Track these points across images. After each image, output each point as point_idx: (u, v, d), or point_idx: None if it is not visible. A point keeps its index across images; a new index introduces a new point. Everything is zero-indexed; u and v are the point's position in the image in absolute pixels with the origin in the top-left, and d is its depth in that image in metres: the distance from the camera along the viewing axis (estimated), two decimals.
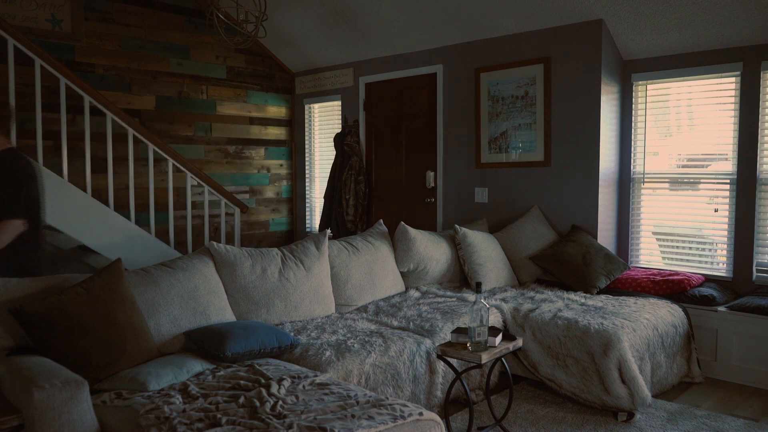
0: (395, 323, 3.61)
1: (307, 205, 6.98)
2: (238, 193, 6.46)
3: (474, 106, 5.30)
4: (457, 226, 4.61)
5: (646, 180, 4.83)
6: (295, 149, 7.00)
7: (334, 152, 6.31)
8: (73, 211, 4.31)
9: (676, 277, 4.30)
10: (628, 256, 4.90)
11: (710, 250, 4.62)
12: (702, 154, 4.62)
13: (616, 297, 4.15)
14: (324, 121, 6.83)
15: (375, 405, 2.35)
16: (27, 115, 4.41)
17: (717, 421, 3.36)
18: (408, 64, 5.79)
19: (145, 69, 5.74)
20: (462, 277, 4.67)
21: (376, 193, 6.19)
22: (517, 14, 4.80)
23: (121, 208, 4.78)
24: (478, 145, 5.29)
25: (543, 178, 4.94)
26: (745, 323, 3.93)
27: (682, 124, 4.75)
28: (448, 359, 3.10)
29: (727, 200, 4.41)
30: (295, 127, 6.97)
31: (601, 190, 4.68)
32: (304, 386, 2.57)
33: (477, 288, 2.93)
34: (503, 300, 4.10)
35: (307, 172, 6.94)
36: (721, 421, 3.36)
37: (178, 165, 4.87)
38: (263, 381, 2.60)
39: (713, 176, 4.50)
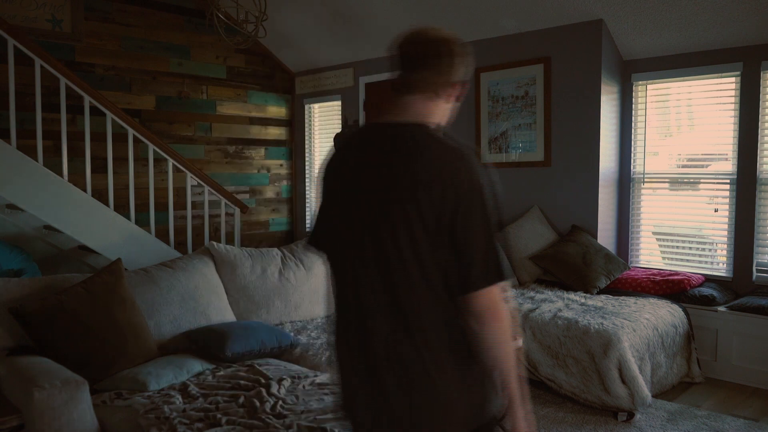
0: None
1: (307, 205, 6.97)
2: (238, 193, 6.46)
3: (474, 106, 5.30)
4: None
5: (646, 180, 4.83)
6: (295, 149, 7.00)
7: None
8: (73, 211, 4.30)
9: (676, 277, 4.30)
10: (628, 256, 4.90)
11: (710, 250, 4.62)
12: (702, 154, 4.62)
13: (616, 297, 4.15)
14: (324, 121, 6.83)
15: None
16: (27, 115, 4.41)
17: (717, 421, 3.36)
18: None
19: (145, 69, 5.74)
20: None
21: None
22: (517, 14, 4.80)
23: (121, 208, 4.77)
24: (478, 145, 5.28)
25: (543, 178, 4.94)
26: (745, 323, 3.93)
27: (682, 124, 4.75)
28: None
29: (727, 200, 4.40)
30: (295, 127, 6.96)
31: (601, 190, 4.68)
32: (304, 386, 2.57)
33: None
34: None
35: (307, 172, 6.94)
36: (721, 421, 3.36)
37: (178, 165, 4.86)
38: (263, 381, 2.60)
39: (713, 176, 4.50)
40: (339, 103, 6.49)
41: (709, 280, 4.44)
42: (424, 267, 1.43)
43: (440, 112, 1.56)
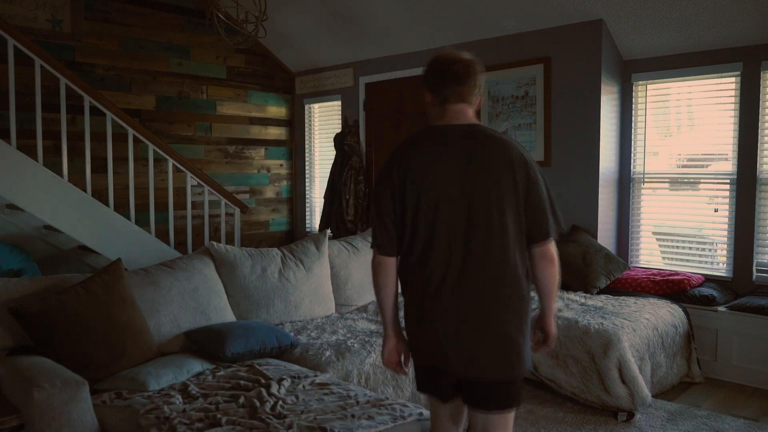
0: None
1: (307, 205, 6.98)
2: (238, 193, 6.46)
3: None
4: None
5: (646, 180, 4.83)
6: (295, 149, 7.00)
7: (334, 152, 6.31)
8: (73, 211, 4.30)
9: (676, 277, 4.30)
10: (628, 256, 4.90)
11: (710, 250, 4.62)
12: (702, 154, 4.62)
13: (616, 297, 4.15)
14: (324, 121, 6.83)
15: (375, 405, 2.35)
16: (27, 115, 4.41)
17: (717, 421, 3.36)
18: (408, 64, 5.78)
19: (145, 69, 5.74)
20: None
21: None
22: (517, 14, 4.80)
23: (121, 208, 4.77)
24: None
25: None
26: (745, 323, 3.93)
27: (682, 124, 4.75)
28: None
29: (727, 200, 4.41)
30: (295, 127, 6.97)
31: (601, 190, 4.68)
32: (304, 386, 2.57)
33: None
34: None
35: (307, 172, 6.94)
36: (721, 421, 3.36)
37: (178, 165, 4.86)
38: (263, 381, 2.60)
39: (713, 176, 4.50)
40: (339, 103, 6.49)
41: (709, 280, 4.44)
42: (517, 226, 1.93)
43: (473, 116, 2.05)
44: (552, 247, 1.99)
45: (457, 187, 1.93)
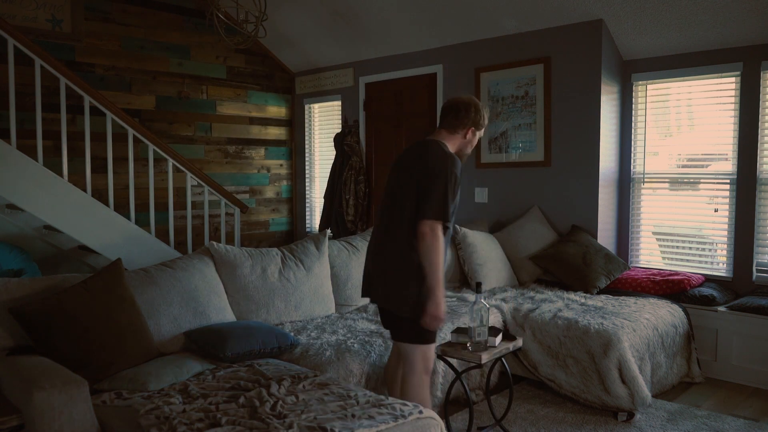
0: None
1: (307, 205, 6.98)
2: (238, 193, 6.46)
3: None
4: (456, 226, 4.61)
5: (646, 180, 4.83)
6: (295, 149, 7.00)
7: (334, 152, 6.31)
8: (73, 211, 4.30)
9: (676, 277, 4.30)
10: (628, 256, 4.90)
11: (710, 250, 4.62)
12: (702, 154, 4.62)
13: (616, 297, 4.15)
14: (324, 121, 6.83)
15: (375, 404, 2.35)
16: (27, 115, 4.41)
17: (717, 421, 3.36)
18: (408, 64, 5.78)
19: (145, 69, 5.74)
20: (462, 277, 4.67)
21: (376, 193, 6.19)
22: (517, 14, 4.80)
23: (121, 208, 4.77)
24: (478, 145, 5.28)
25: (543, 178, 4.94)
26: (745, 323, 3.93)
27: (682, 124, 4.75)
28: (448, 359, 3.10)
29: (727, 200, 4.41)
30: (295, 127, 6.97)
31: (601, 190, 4.68)
32: (304, 386, 2.57)
33: (477, 288, 2.93)
34: (503, 300, 4.10)
35: (307, 172, 6.94)
36: (721, 421, 3.36)
37: (178, 165, 4.86)
38: (263, 381, 2.60)
39: (713, 176, 4.50)
40: (339, 103, 6.50)
41: (709, 280, 4.44)
42: (412, 209, 2.68)
43: (453, 141, 2.88)
44: (424, 226, 2.63)
45: (391, 179, 2.82)
